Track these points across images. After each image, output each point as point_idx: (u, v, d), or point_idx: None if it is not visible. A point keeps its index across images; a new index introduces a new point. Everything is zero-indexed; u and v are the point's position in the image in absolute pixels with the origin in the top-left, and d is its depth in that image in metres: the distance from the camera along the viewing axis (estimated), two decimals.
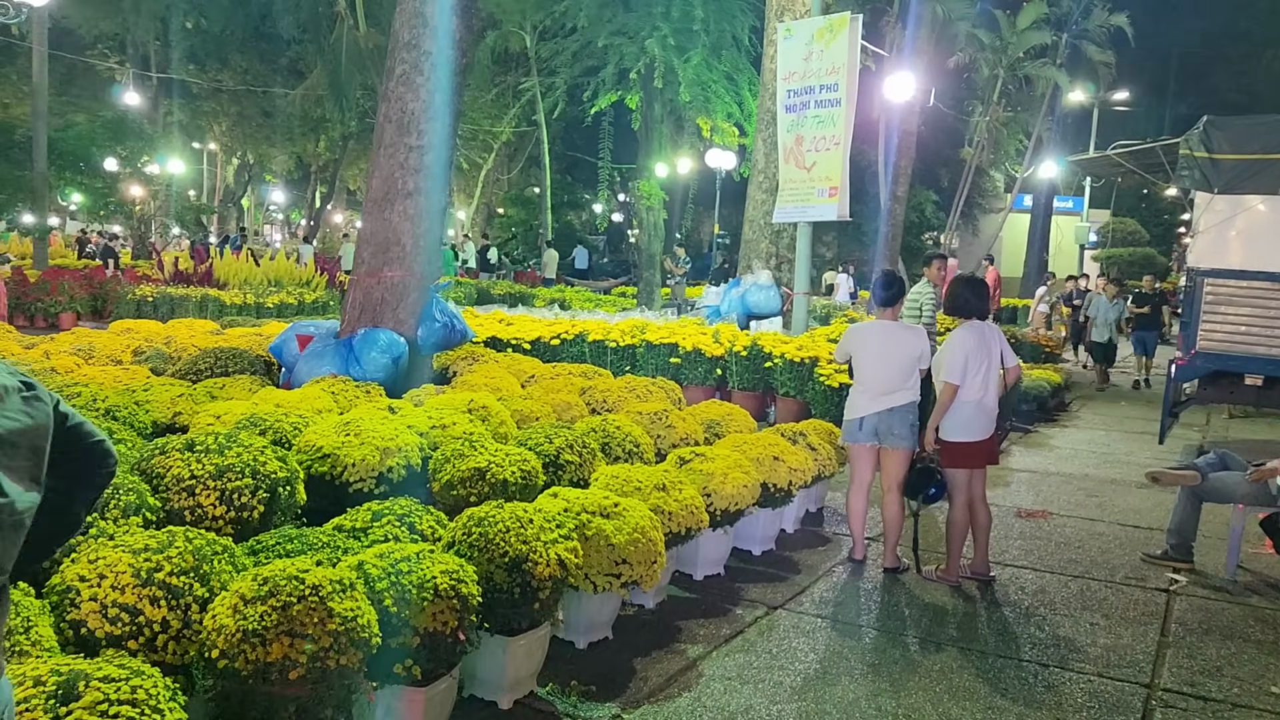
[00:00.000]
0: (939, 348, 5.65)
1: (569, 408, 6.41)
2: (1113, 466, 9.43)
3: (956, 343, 5.44)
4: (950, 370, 5.36)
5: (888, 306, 5.78)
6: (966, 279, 5.80)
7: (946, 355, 5.42)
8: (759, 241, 12.58)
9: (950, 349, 5.43)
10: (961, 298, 5.60)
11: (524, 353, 10.53)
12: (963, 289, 5.63)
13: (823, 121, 10.61)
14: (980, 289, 5.67)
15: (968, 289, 5.63)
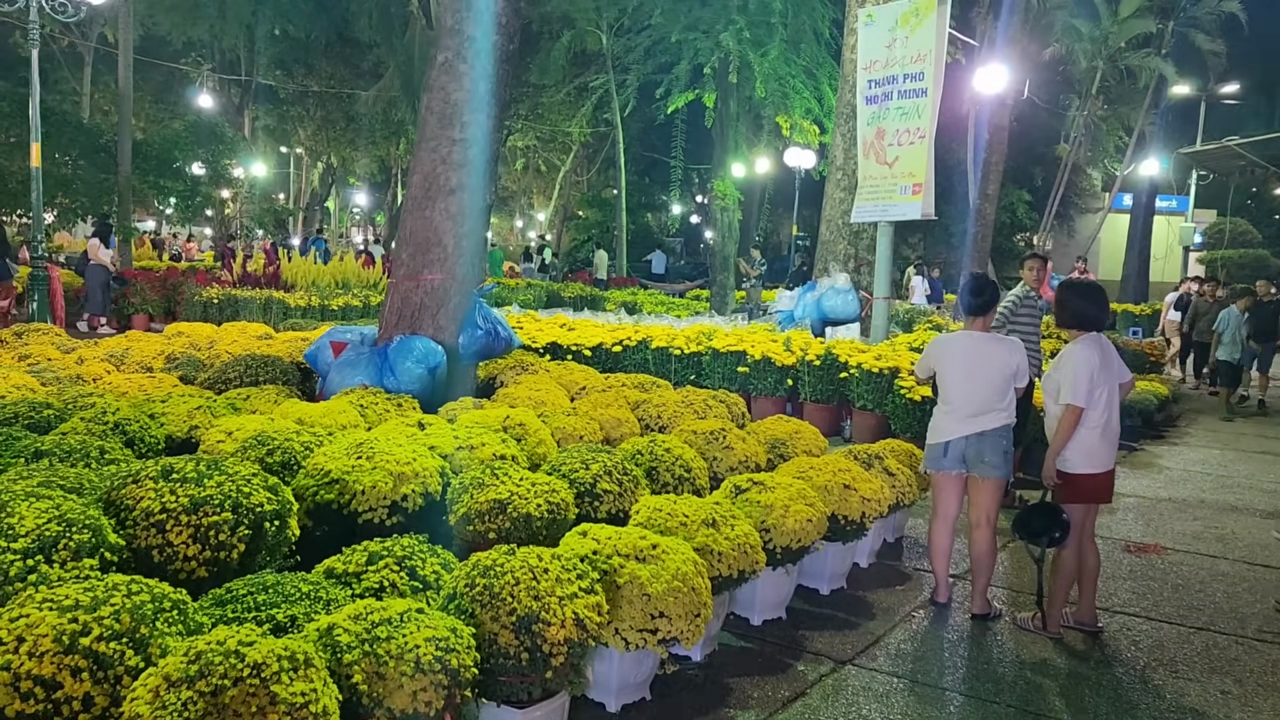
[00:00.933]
0: (1054, 363, 4.90)
1: (619, 425, 5.84)
2: (1232, 492, 8.47)
3: (1079, 359, 4.69)
4: (1075, 391, 4.61)
5: (977, 315, 5.06)
6: (1081, 285, 5.07)
7: (1068, 374, 4.68)
8: (836, 243, 11.84)
9: (1071, 366, 4.69)
10: (1076, 307, 4.86)
11: (584, 360, 10.02)
12: (1076, 297, 4.89)
13: (906, 113, 9.85)
14: (1098, 296, 4.92)
15: (1082, 297, 4.89)
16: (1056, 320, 5.05)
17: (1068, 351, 4.81)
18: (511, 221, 59.42)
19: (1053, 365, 4.88)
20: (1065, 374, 4.71)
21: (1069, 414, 4.64)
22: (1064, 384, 4.70)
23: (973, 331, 5.04)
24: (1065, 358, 4.78)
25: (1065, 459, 4.76)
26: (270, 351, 7.66)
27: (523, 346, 10.28)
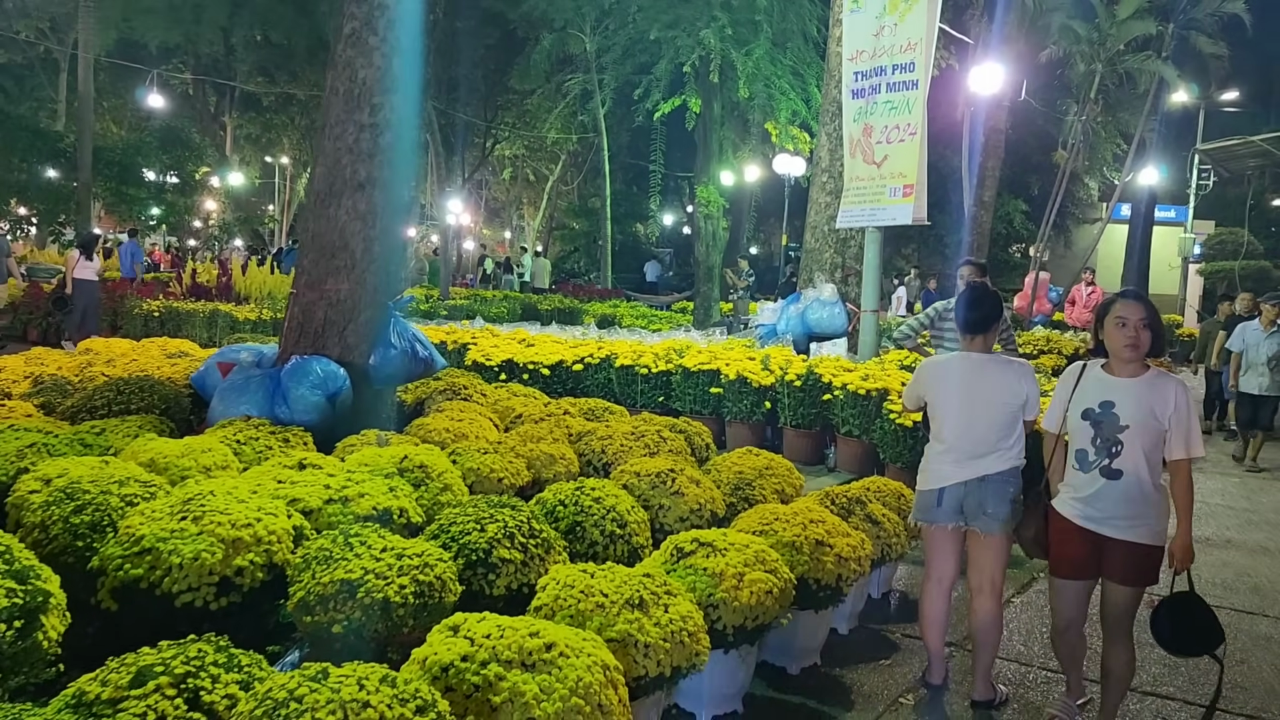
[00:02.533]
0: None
1: (552, 463, 4.90)
2: (1260, 529, 7.56)
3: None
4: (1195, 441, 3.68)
5: (976, 333, 4.14)
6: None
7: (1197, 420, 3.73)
8: (822, 251, 10.94)
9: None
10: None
11: (541, 380, 9.10)
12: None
13: (895, 108, 8.96)
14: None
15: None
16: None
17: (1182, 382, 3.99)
18: (501, 233, 58.58)
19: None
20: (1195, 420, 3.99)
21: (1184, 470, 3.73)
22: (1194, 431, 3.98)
23: (971, 353, 4.13)
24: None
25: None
26: (175, 373, 6.72)
27: (475, 365, 9.36)
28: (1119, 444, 3.56)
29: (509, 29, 28.87)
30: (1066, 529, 3.74)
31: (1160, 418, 3.52)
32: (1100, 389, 3.66)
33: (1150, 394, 3.56)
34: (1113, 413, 3.59)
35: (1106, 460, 3.60)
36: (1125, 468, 3.57)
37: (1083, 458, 3.66)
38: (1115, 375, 3.65)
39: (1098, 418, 3.62)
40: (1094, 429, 3.63)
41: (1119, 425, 3.57)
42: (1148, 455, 3.56)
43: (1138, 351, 3.61)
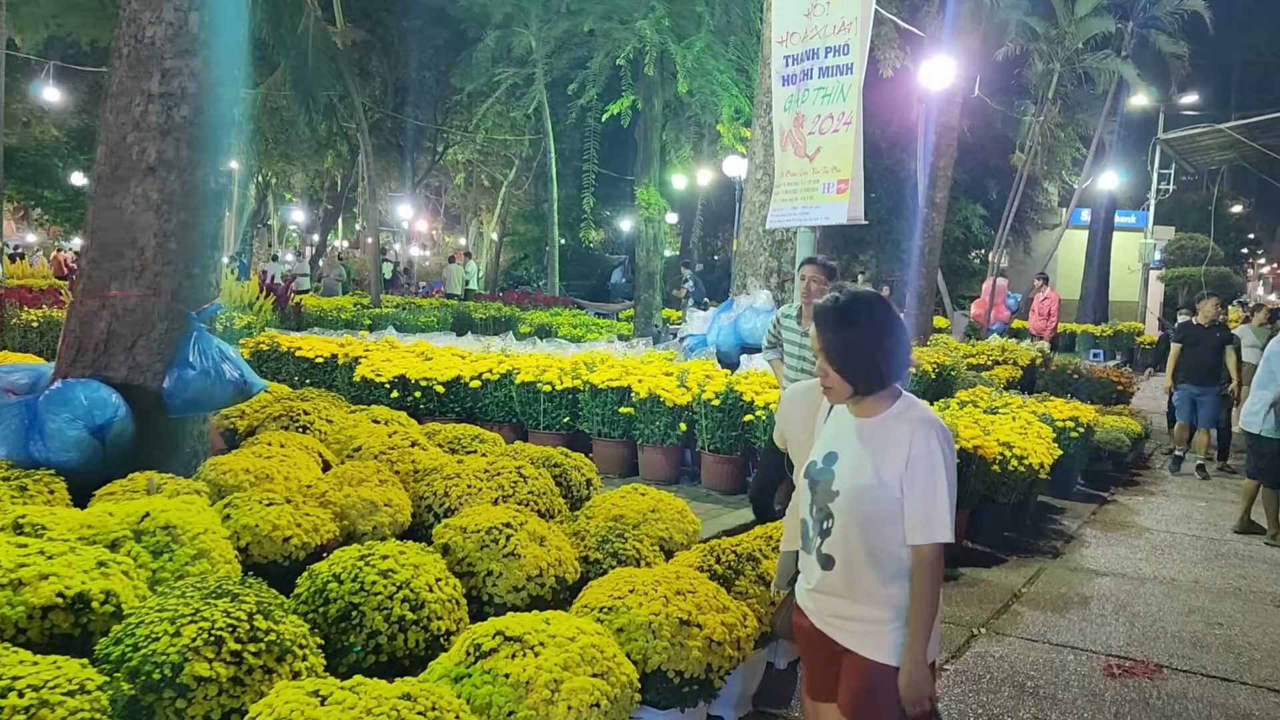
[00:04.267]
0: None
1: (371, 513, 3.93)
2: (1230, 563, 6.73)
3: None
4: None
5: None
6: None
7: None
8: (756, 254, 10.06)
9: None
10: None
11: (436, 397, 8.13)
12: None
13: (829, 95, 8.08)
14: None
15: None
16: None
17: None
18: (458, 239, 57.40)
19: None
20: None
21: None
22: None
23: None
24: None
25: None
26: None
27: (364, 382, 8.37)
28: (829, 518, 2.44)
29: (458, 29, 27.85)
30: (802, 627, 2.63)
31: (886, 480, 2.34)
32: (834, 431, 2.53)
33: (876, 443, 2.38)
34: (830, 470, 2.45)
35: (819, 540, 2.49)
36: (836, 554, 2.43)
37: (805, 532, 2.56)
38: (851, 412, 2.49)
39: (816, 475, 2.49)
40: (811, 492, 2.51)
41: (830, 491, 2.44)
42: (869, 537, 2.38)
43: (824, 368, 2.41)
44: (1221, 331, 10.00)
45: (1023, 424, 7.58)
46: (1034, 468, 6.72)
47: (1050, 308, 16.83)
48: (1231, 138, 8.37)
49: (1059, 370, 13.25)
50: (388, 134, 38.84)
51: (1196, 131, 11.59)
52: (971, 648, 4.90)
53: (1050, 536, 7.24)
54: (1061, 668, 4.68)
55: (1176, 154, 13.88)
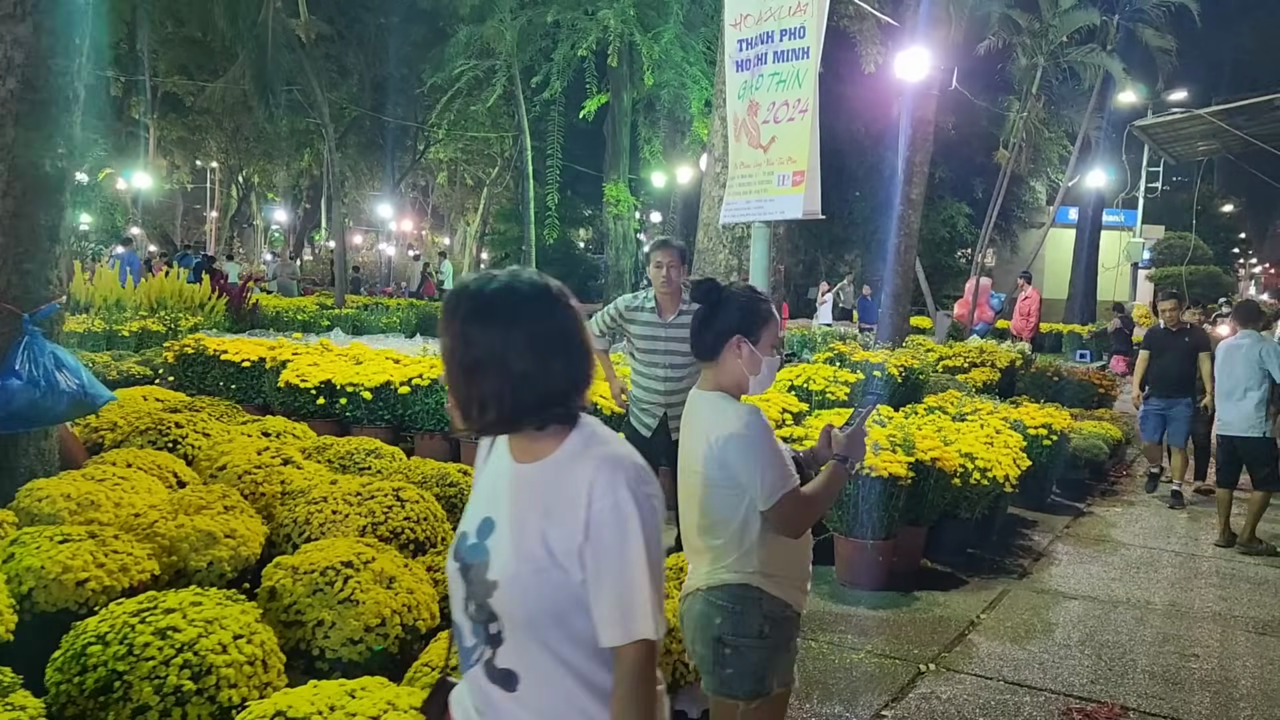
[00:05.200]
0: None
1: (209, 546, 3.38)
2: (1212, 585, 6.22)
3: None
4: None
5: (707, 359, 2.55)
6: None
7: None
8: (715, 251, 9.55)
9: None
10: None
11: (363, 404, 7.58)
12: None
13: (784, 81, 7.56)
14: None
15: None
16: None
17: None
18: (443, 239, 56.87)
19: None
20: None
21: None
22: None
23: (700, 391, 2.61)
24: None
25: None
26: None
27: (288, 388, 7.83)
28: (494, 619, 1.60)
29: (436, 25, 27.29)
30: None
31: (560, 555, 1.54)
32: (488, 484, 1.70)
33: (543, 500, 1.58)
34: (485, 548, 1.62)
35: (487, 650, 1.62)
36: (519, 668, 1.59)
37: (460, 638, 1.68)
38: (510, 452, 1.67)
39: (467, 556, 1.64)
40: (464, 581, 1.64)
41: (486, 580, 1.59)
42: (554, 644, 1.57)
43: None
44: (1192, 336, 8.60)
45: (991, 432, 7.07)
46: (998, 481, 6.19)
47: (1030, 307, 16.36)
48: (1213, 125, 7.94)
49: (1039, 373, 12.75)
50: (367, 132, 38.33)
51: (1175, 118, 11.15)
52: (916, 688, 4.37)
53: (1018, 554, 6.72)
54: (1015, 712, 4.16)
55: (1156, 143, 13.43)
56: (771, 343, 2.55)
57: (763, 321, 2.53)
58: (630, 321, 5.01)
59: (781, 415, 6.45)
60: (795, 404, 6.71)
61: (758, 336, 2.51)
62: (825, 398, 7.50)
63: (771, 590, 2.42)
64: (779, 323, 2.62)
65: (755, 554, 2.41)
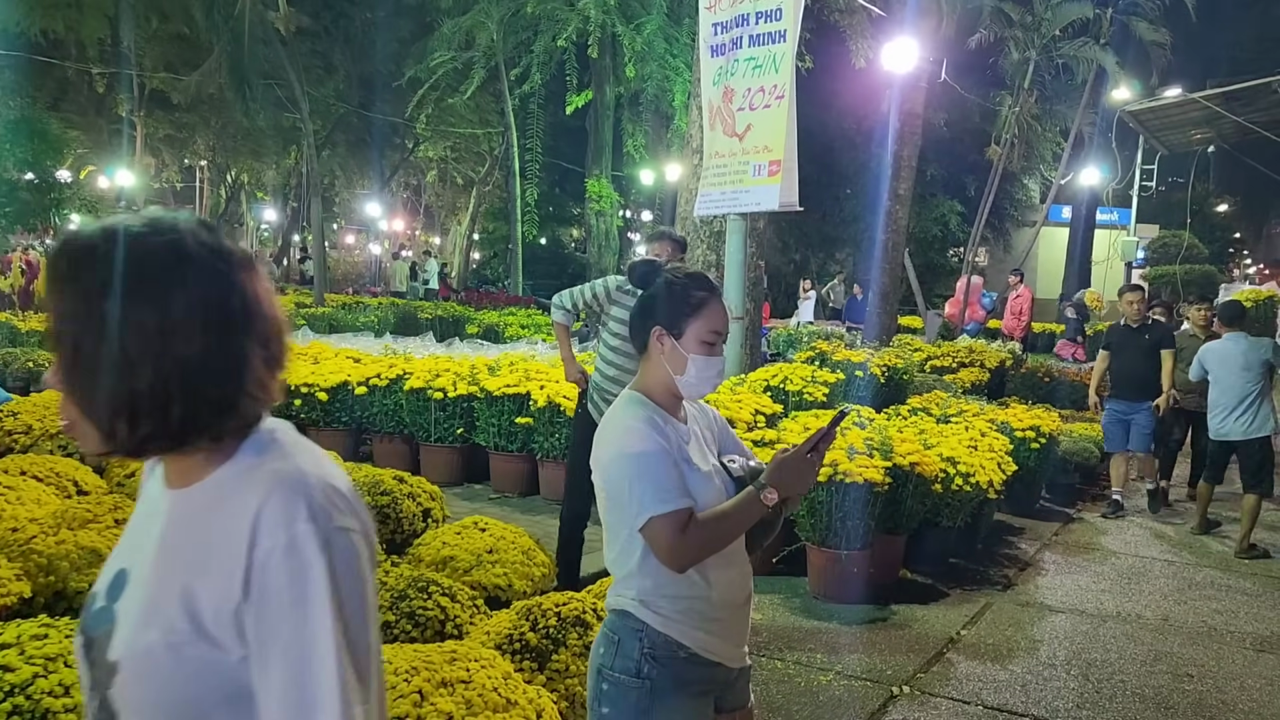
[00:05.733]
0: None
1: (94, 564, 3.04)
2: (1206, 597, 5.89)
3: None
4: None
5: (641, 352, 2.23)
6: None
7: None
8: (694, 246, 9.18)
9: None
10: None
11: (319, 405, 7.23)
12: None
13: (760, 66, 7.23)
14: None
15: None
16: None
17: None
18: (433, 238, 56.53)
19: None
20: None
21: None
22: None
23: (627, 389, 2.25)
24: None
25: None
26: None
27: None
28: (112, 715, 1.09)
29: (424, 21, 26.94)
30: None
31: (208, 622, 1.04)
32: (139, 520, 1.23)
33: (191, 542, 1.08)
34: (112, 614, 1.11)
35: None
36: None
37: None
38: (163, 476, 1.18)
39: (91, 627, 1.13)
40: (86, 661, 1.13)
41: (107, 661, 1.08)
42: None
43: None
44: (1154, 333, 7.90)
45: (975, 435, 6.74)
46: (981, 487, 5.87)
47: (1022, 306, 16.04)
48: (1207, 110, 7.61)
49: (1029, 373, 12.43)
50: (355, 130, 37.96)
51: (1167, 102, 10.75)
52: (887, 714, 4.04)
53: (1003, 563, 6.39)
54: None
55: (1148, 131, 13.11)
56: (705, 339, 2.15)
57: (691, 312, 2.15)
58: (616, 304, 4.65)
59: (754, 417, 6.12)
60: (770, 405, 6.37)
61: (682, 330, 2.15)
62: (803, 399, 7.16)
63: (655, 624, 2.03)
64: (723, 316, 2.22)
65: (637, 578, 2.05)
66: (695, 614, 2.05)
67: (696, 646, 2.04)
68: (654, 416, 2.09)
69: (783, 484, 2.01)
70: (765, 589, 5.45)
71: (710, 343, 2.12)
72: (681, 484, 2.01)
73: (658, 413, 2.10)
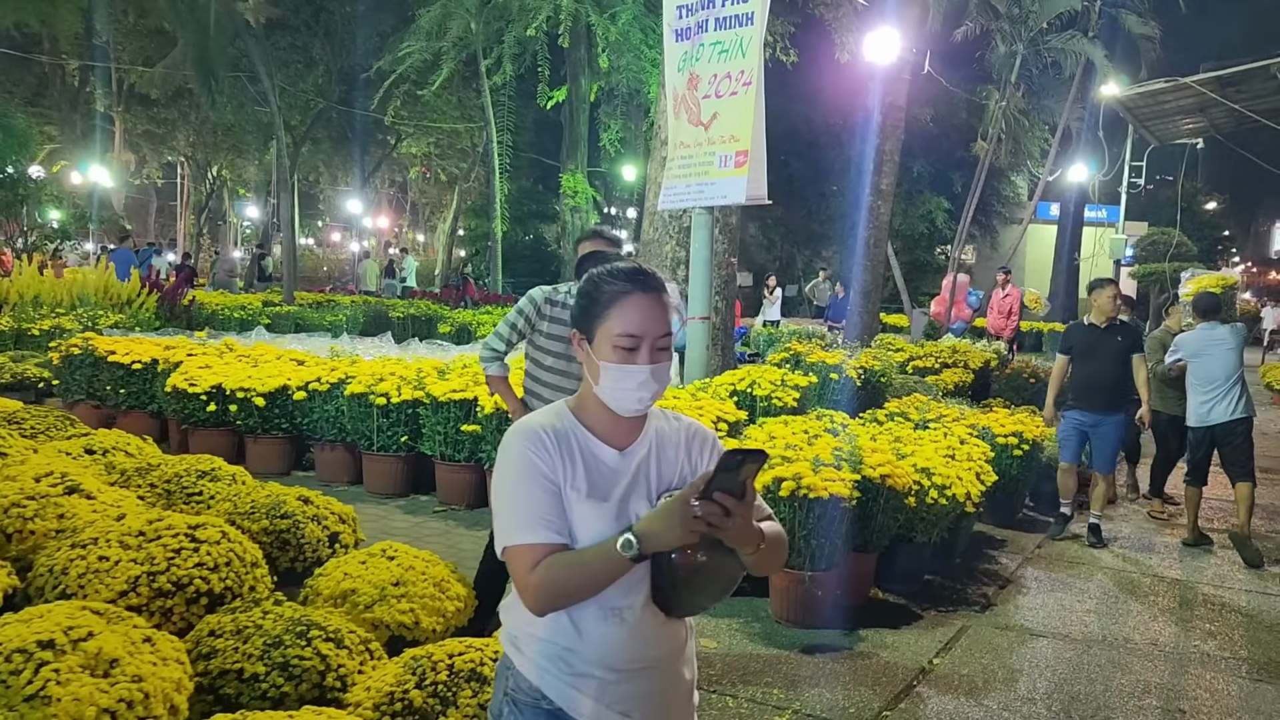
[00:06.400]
0: None
1: None
2: (1200, 617, 5.49)
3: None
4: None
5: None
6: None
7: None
8: (662, 242, 8.79)
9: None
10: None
11: (256, 411, 6.78)
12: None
13: (726, 50, 6.81)
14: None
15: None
16: None
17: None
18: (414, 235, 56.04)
19: None
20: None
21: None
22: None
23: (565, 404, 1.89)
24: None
25: None
26: None
27: (175, 393, 7.03)
28: None
29: (406, 14, 26.42)
30: None
31: None
32: None
33: None
34: None
35: None
36: None
37: None
38: None
39: None
40: None
41: None
42: None
43: None
44: (1125, 335, 6.94)
45: (954, 442, 6.34)
46: (958, 500, 5.45)
47: (1012, 305, 15.65)
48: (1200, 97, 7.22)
49: (1015, 374, 12.03)
50: (336, 126, 37.41)
51: (1157, 88, 10.34)
52: None
53: (982, 580, 5.98)
54: None
55: (1138, 120, 12.77)
56: (617, 342, 1.70)
57: (600, 311, 1.73)
58: (547, 319, 4.16)
59: (715, 425, 5.69)
60: (733, 412, 5.95)
61: (593, 332, 1.74)
62: (771, 404, 6.74)
63: (519, 665, 1.72)
64: (642, 314, 1.76)
65: (514, 612, 1.75)
66: (561, 663, 1.69)
67: (562, 702, 1.69)
68: (543, 434, 1.72)
69: (647, 534, 1.59)
70: (724, 612, 5.03)
71: (626, 347, 1.70)
72: (551, 515, 1.66)
73: (554, 431, 1.73)
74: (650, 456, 1.77)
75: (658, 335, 1.71)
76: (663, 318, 1.73)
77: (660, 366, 1.73)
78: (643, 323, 1.70)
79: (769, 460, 1.84)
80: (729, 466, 1.57)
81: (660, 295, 1.75)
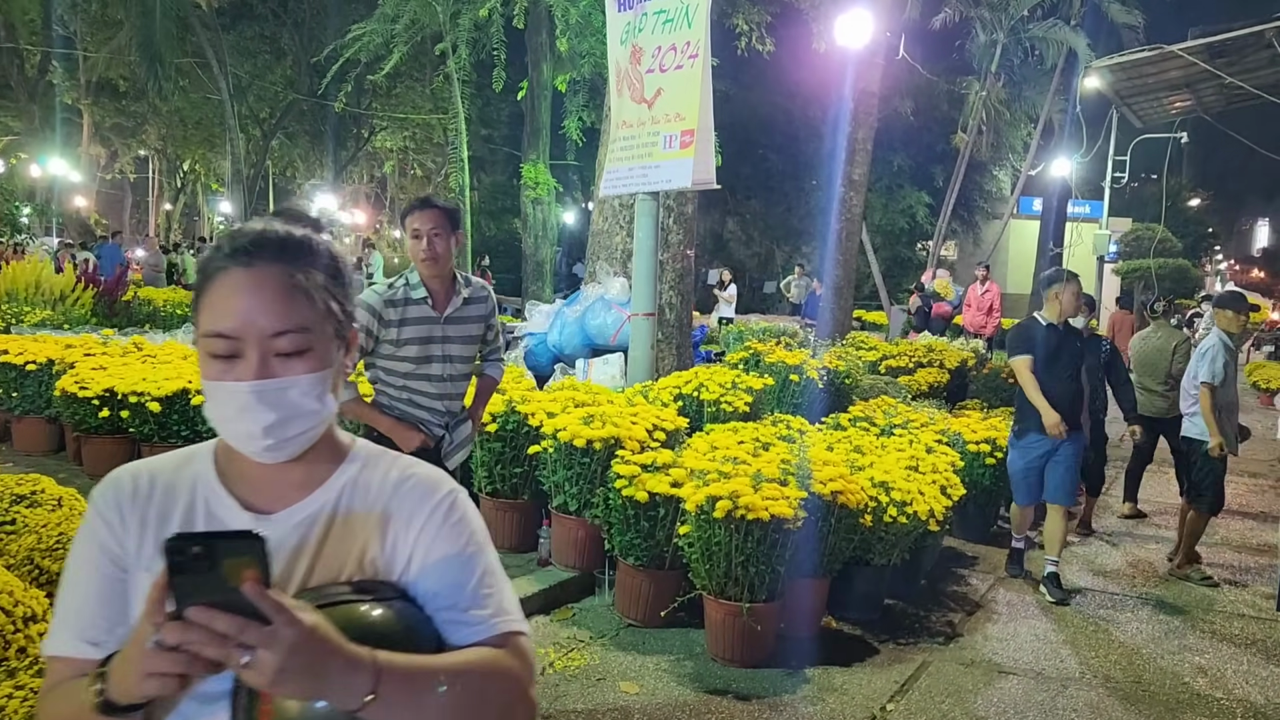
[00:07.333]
0: None
1: None
2: (1188, 649, 4.91)
3: None
4: None
5: None
6: None
7: None
8: (612, 233, 8.18)
9: None
10: None
11: (151, 417, 6.13)
12: None
13: (671, 20, 6.20)
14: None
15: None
16: None
17: None
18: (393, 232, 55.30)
19: None
20: None
21: None
22: None
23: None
24: None
25: None
26: None
27: (65, 397, 6.37)
28: None
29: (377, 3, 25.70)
30: None
31: None
32: None
33: None
34: None
35: None
36: None
37: None
38: None
39: None
40: None
41: None
42: None
43: None
44: (1086, 344, 5.86)
45: (920, 450, 5.77)
46: (920, 518, 4.86)
47: (992, 301, 15.10)
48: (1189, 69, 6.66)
49: (993, 373, 11.46)
50: (309, 119, 36.64)
51: (1143, 58, 9.72)
52: (916, 685, 3.02)
53: (948, 605, 5.39)
54: None
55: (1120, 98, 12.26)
56: (207, 346, 1.06)
57: (196, 303, 1.11)
58: (391, 323, 3.48)
59: (651, 434, 5.07)
60: (673, 420, 5.33)
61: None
62: (721, 409, 6.13)
63: None
64: (233, 306, 1.05)
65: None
66: None
67: None
68: (128, 487, 1.15)
69: (115, 678, 0.95)
70: (654, 648, 4.43)
71: (216, 353, 1.09)
72: (98, 617, 1.09)
73: (156, 483, 1.17)
74: (315, 527, 1.14)
75: (272, 332, 1.07)
76: (283, 306, 1.08)
77: (282, 384, 1.08)
78: (241, 314, 1.06)
79: (263, 550, 0.98)
80: (194, 562, 0.89)
81: (284, 270, 1.09)
